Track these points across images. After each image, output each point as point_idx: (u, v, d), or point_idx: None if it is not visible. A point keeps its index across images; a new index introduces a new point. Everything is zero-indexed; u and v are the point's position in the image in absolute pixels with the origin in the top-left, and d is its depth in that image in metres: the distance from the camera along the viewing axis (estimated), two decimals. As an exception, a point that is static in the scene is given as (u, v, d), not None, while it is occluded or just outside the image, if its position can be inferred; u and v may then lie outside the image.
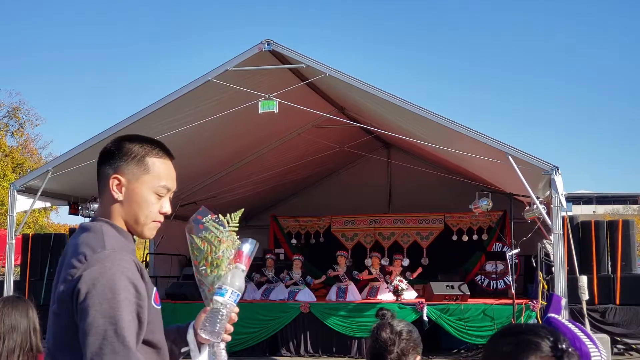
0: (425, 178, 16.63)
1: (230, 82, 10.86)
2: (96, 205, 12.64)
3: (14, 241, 11.50)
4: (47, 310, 1.96)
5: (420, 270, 14.04)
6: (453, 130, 10.73)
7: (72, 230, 14.19)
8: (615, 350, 12.10)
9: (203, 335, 2.15)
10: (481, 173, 13.32)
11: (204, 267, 2.19)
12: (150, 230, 2.10)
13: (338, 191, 18.47)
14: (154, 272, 15.74)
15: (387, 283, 13.45)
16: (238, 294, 2.17)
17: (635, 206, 62.02)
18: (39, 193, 11.58)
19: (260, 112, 10.59)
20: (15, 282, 11.84)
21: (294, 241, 17.07)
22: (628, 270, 12.67)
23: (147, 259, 15.83)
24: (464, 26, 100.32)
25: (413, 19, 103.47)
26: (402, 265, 13.91)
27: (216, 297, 2.14)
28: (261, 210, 19.18)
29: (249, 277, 14.29)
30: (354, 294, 13.27)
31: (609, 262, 12.78)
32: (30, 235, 14.66)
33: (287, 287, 13.52)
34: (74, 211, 12.59)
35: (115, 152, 2.08)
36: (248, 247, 2.24)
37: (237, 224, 2.26)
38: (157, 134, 11.29)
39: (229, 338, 2.20)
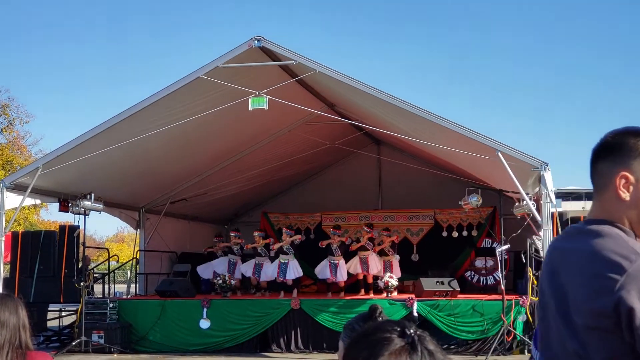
0: (416, 174, 16.68)
1: (220, 79, 10.85)
2: (87, 203, 12.58)
3: (3, 238, 11.45)
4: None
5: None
6: (443, 126, 10.77)
7: (62, 228, 14.07)
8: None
9: None
10: (471, 169, 13.36)
11: None
12: None
13: (328, 188, 18.50)
14: (144, 269, 15.73)
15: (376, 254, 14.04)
16: None
17: (624, 202, 62.28)
18: (29, 190, 11.54)
19: (250, 109, 10.60)
20: (4, 279, 11.80)
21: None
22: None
23: (138, 256, 15.79)
24: (453, 22, 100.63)
25: (403, 15, 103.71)
26: (392, 242, 14.38)
27: None
28: (252, 206, 19.20)
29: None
30: (342, 271, 13.73)
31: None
32: (20, 232, 14.61)
33: (275, 252, 13.97)
34: (64, 208, 12.53)
35: (620, 147, 1.89)
36: None
37: None
38: (147, 130, 11.29)
39: None
